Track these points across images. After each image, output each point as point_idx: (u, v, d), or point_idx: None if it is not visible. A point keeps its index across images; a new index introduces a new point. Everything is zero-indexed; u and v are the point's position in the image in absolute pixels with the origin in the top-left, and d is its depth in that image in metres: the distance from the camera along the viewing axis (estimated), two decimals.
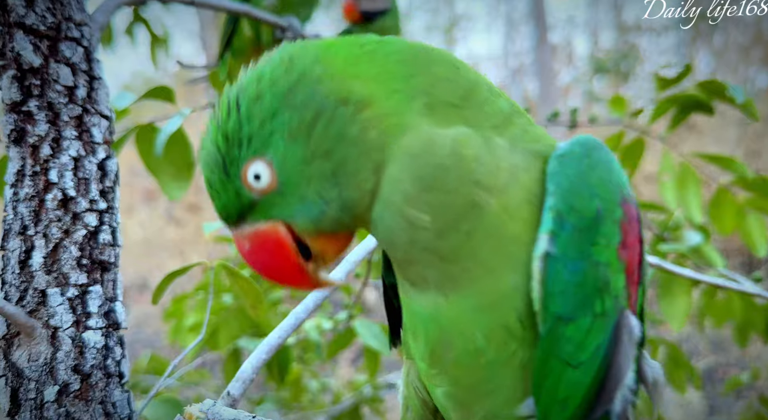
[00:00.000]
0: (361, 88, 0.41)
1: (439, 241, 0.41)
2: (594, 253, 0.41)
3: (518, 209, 0.42)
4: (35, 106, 0.59)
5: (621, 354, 0.43)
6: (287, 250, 0.44)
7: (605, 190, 0.42)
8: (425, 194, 0.41)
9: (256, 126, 0.41)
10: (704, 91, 1.16)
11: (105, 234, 0.62)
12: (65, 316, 0.58)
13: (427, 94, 0.42)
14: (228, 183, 0.42)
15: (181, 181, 0.97)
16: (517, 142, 0.43)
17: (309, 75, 0.42)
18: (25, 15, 0.59)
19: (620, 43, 11.90)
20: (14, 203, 0.59)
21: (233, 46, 1.13)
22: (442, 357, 0.44)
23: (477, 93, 0.44)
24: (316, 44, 0.44)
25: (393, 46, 0.44)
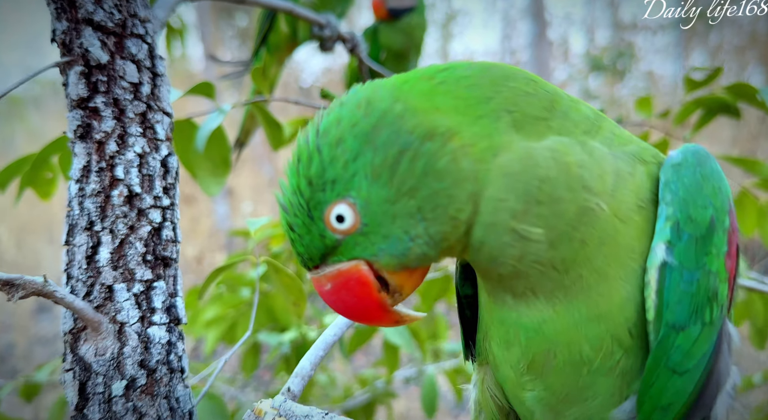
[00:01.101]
0: (445, 120, 0.42)
1: (553, 251, 0.42)
2: (707, 263, 0.42)
3: (630, 213, 0.42)
4: (102, 103, 0.59)
5: (722, 361, 0.44)
6: (370, 289, 0.44)
7: (718, 200, 0.43)
8: (535, 207, 0.41)
9: (339, 168, 0.42)
10: (732, 94, 1.17)
11: (167, 230, 0.62)
12: (131, 311, 0.58)
13: (511, 112, 0.43)
14: (312, 226, 0.43)
15: (218, 176, 0.97)
16: (612, 145, 0.44)
17: (390, 114, 0.42)
18: (93, 11, 0.59)
19: (617, 40, 11.92)
20: (80, 198, 0.59)
21: (269, 42, 1.13)
22: (542, 366, 0.45)
23: (559, 102, 0.45)
24: (389, 84, 0.44)
25: (462, 72, 0.44)
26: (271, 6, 0.84)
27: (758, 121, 7.73)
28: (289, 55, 1.14)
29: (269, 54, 1.13)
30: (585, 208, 0.41)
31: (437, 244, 0.43)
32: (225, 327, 1.50)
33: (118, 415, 0.56)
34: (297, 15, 0.92)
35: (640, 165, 0.44)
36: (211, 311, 1.52)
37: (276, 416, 0.53)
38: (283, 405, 0.53)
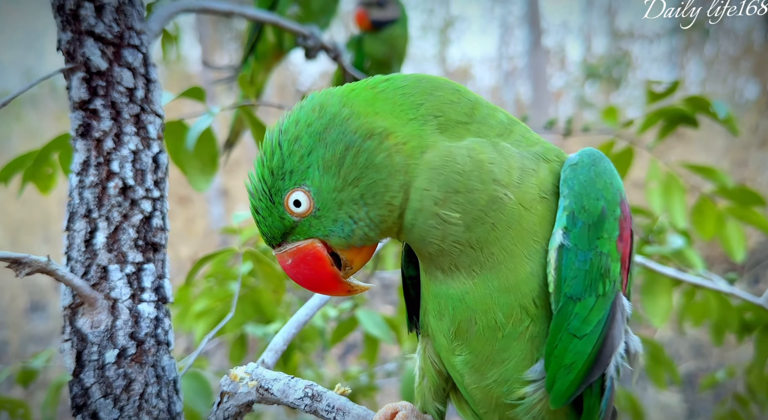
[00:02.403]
0: (382, 122, 0.51)
1: (469, 233, 0.50)
2: (599, 245, 0.50)
3: (533, 203, 0.51)
4: (100, 105, 0.67)
5: (615, 327, 0.52)
6: (324, 262, 0.53)
7: (609, 193, 0.51)
8: (453, 196, 0.50)
9: (296, 161, 0.51)
10: (690, 106, 1.26)
11: (157, 219, 0.70)
12: (124, 289, 0.66)
13: (437, 117, 0.52)
14: (273, 209, 0.52)
15: (206, 174, 1.05)
16: (520, 146, 0.52)
17: (338, 117, 0.51)
18: (95, 24, 0.67)
19: (613, 49, 12.01)
20: (80, 189, 0.67)
21: (257, 51, 1.21)
22: (466, 331, 0.53)
23: (478, 109, 0.53)
24: (339, 92, 0.53)
25: (399, 82, 0.53)
26: (258, 19, 0.92)
27: (750, 132, 7.82)
28: (276, 63, 1.23)
29: (257, 61, 1.22)
30: (495, 197, 0.50)
31: (377, 225, 0.51)
32: (214, 319, 1.57)
33: (110, 380, 0.64)
34: (282, 27, 1.00)
35: (543, 163, 0.53)
36: (201, 304, 1.59)
37: (249, 380, 0.60)
38: (255, 370, 0.61)
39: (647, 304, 1.35)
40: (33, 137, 8.88)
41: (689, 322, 1.50)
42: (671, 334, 4.21)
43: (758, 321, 1.32)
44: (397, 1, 1.40)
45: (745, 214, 1.37)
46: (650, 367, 1.61)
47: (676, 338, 4.29)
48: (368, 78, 0.55)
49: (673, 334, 4.18)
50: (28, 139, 8.98)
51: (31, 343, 5.43)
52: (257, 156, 0.53)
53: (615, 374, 0.53)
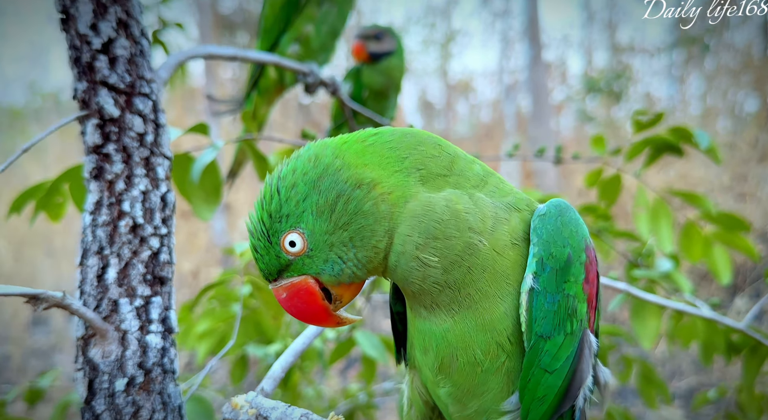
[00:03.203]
0: (370, 173, 0.56)
1: (447, 275, 0.55)
2: (566, 288, 0.55)
3: (505, 249, 0.56)
4: (113, 149, 0.72)
5: (584, 362, 0.57)
6: (316, 297, 0.58)
7: (574, 241, 0.56)
8: (432, 242, 0.55)
9: (292, 206, 0.56)
10: (674, 136, 1.31)
11: (164, 254, 0.75)
12: (133, 321, 0.71)
13: (419, 170, 0.57)
14: (270, 249, 0.57)
15: (210, 203, 1.10)
16: (494, 196, 0.58)
17: (331, 167, 0.56)
18: (108, 75, 0.72)
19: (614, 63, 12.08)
20: (93, 228, 0.72)
21: (259, 86, 1.27)
22: (449, 366, 0.58)
23: (457, 163, 0.59)
24: (333, 143, 0.58)
25: (386, 137, 0.59)
26: (261, 61, 0.98)
27: (749, 147, 7.85)
28: (277, 97, 1.29)
29: (260, 96, 1.28)
30: (470, 243, 0.55)
31: (364, 265, 0.57)
32: (216, 339, 1.61)
33: (120, 407, 0.68)
34: (283, 67, 1.06)
35: (515, 212, 0.58)
36: (204, 324, 1.64)
37: (249, 408, 0.65)
38: (254, 399, 0.65)
39: (637, 327, 1.39)
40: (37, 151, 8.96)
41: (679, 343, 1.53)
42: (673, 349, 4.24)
43: (744, 343, 1.36)
44: (394, 34, 1.45)
45: (731, 238, 1.42)
46: (642, 387, 1.64)
47: (677, 353, 4.31)
48: (359, 131, 0.60)
49: (674, 349, 4.21)
50: (33, 153, 9.05)
51: (33, 358, 5.46)
52: (258, 198, 0.59)
53: (583, 405, 0.58)
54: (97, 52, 0.72)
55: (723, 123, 8.60)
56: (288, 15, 1.15)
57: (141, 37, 0.75)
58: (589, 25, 12.38)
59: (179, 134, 0.99)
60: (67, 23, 0.72)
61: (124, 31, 0.73)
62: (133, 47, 0.74)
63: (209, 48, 0.87)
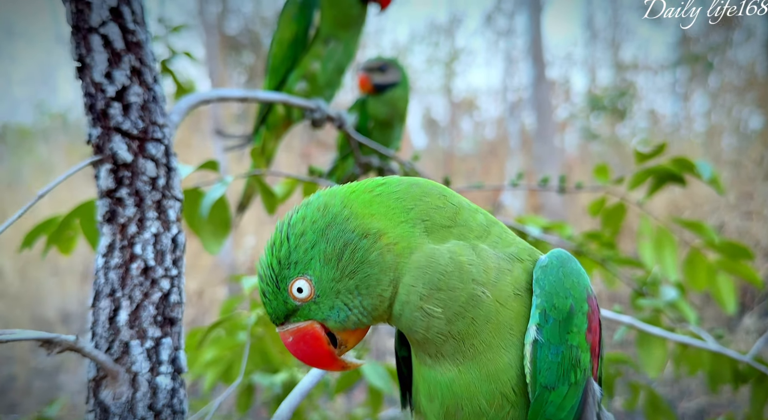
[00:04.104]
0: (377, 224, 0.58)
1: (450, 325, 0.56)
2: (569, 339, 0.56)
3: (508, 300, 0.57)
4: (126, 193, 0.74)
5: (588, 411, 0.58)
6: (321, 342, 0.60)
7: (576, 292, 0.57)
8: (436, 293, 0.56)
9: (300, 253, 0.58)
10: (676, 166, 1.32)
11: (174, 295, 0.76)
12: (144, 363, 0.72)
13: (424, 221, 0.59)
14: (278, 294, 0.59)
15: (218, 237, 1.11)
16: (497, 247, 0.59)
17: (339, 216, 0.58)
18: (122, 122, 0.74)
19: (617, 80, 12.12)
20: (105, 270, 0.74)
21: (268, 122, 1.30)
22: (454, 415, 0.59)
23: (461, 213, 0.60)
24: (342, 193, 0.60)
25: (393, 187, 0.60)
26: (269, 100, 1.00)
27: (755, 165, 7.84)
28: (285, 132, 1.31)
29: (268, 131, 1.30)
30: (473, 295, 0.56)
31: (369, 313, 0.58)
32: (222, 368, 1.62)
33: None
34: (291, 104, 1.09)
35: (517, 262, 0.59)
36: (210, 353, 1.65)
37: None
38: None
39: (642, 356, 1.39)
40: (45, 170, 9.03)
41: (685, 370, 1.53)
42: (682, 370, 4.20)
43: (751, 373, 1.36)
44: (398, 66, 1.48)
45: (735, 266, 1.42)
46: (649, 415, 1.64)
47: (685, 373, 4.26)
48: (367, 180, 0.62)
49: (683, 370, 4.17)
50: (40, 172, 9.14)
51: (38, 378, 5.46)
52: (268, 243, 0.60)
53: None
54: (111, 100, 0.74)
55: (728, 140, 8.60)
56: (295, 53, 1.18)
57: (154, 84, 0.78)
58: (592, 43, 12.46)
59: (190, 171, 1.02)
60: (82, 71, 0.75)
61: (137, 79, 0.76)
62: (146, 93, 0.76)
63: (220, 91, 0.89)
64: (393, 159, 1.40)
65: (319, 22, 1.16)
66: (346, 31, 1.18)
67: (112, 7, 0.74)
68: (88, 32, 0.74)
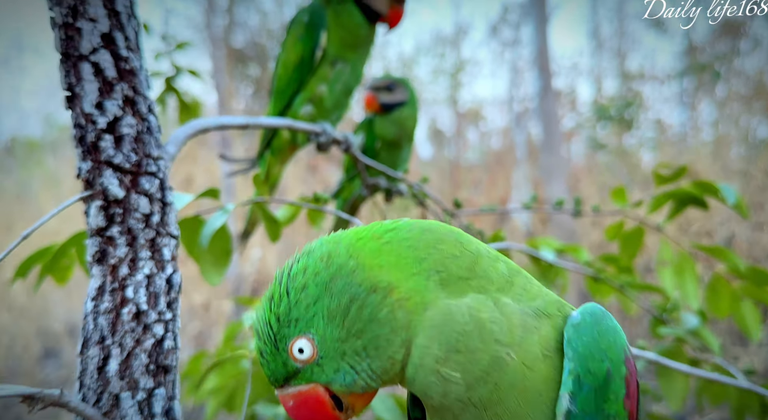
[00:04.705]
0: (386, 276, 0.52)
1: (471, 392, 0.50)
2: (606, 408, 0.50)
3: (536, 362, 0.51)
4: (117, 232, 0.69)
5: None
6: (325, 407, 0.53)
7: (613, 353, 0.51)
8: (454, 355, 0.50)
9: (302, 310, 0.52)
10: (698, 189, 1.26)
11: (169, 340, 0.71)
12: (135, 417, 0.67)
13: (439, 272, 0.52)
14: (277, 355, 0.53)
15: (219, 267, 1.06)
16: (521, 300, 0.53)
17: (345, 268, 0.52)
18: (114, 155, 0.69)
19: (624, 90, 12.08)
20: (95, 315, 0.69)
21: (272, 146, 1.25)
22: None
23: (480, 263, 0.54)
24: (347, 241, 0.54)
25: (404, 233, 0.54)
26: (273, 126, 0.95)
27: (764, 175, 7.76)
28: (291, 156, 1.26)
29: (272, 156, 1.26)
30: (496, 357, 0.50)
31: (379, 376, 0.52)
32: (225, 396, 1.57)
33: None
34: (296, 129, 1.04)
35: (545, 318, 0.53)
36: (212, 381, 1.59)
37: None
38: None
39: (663, 386, 1.33)
40: (53, 182, 9.04)
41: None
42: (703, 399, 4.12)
43: None
44: (406, 84, 1.43)
45: (760, 293, 1.36)
46: None
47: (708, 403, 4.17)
48: (375, 225, 0.56)
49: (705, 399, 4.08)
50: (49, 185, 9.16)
51: None
52: (265, 296, 0.54)
53: None
54: (103, 132, 0.69)
55: (736, 150, 8.53)
56: (301, 76, 1.13)
57: (148, 113, 0.73)
58: (598, 53, 12.44)
59: (189, 200, 0.97)
60: (72, 101, 0.70)
61: (130, 109, 0.71)
62: (139, 124, 0.72)
63: (221, 119, 0.84)
64: (401, 181, 1.34)
65: (325, 44, 1.11)
66: (354, 52, 1.14)
67: (104, 33, 0.69)
68: (78, 60, 0.69)
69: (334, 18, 1.11)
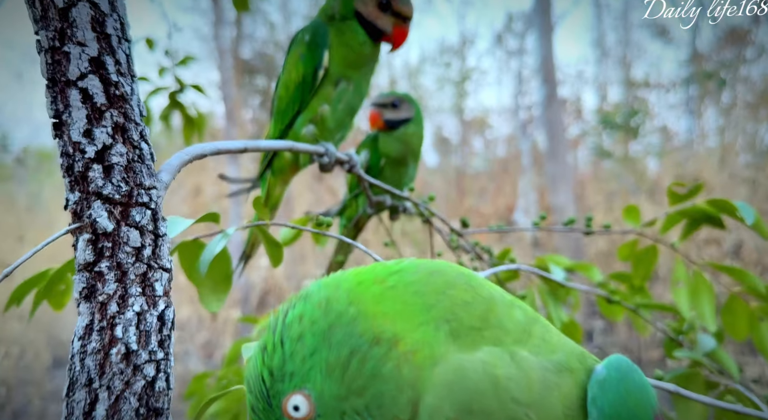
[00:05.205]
0: (391, 326, 0.47)
1: None
2: None
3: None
4: (106, 267, 0.65)
5: None
6: None
7: (642, 411, 0.47)
8: (467, 416, 0.45)
9: (297, 362, 0.47)
10: (714, 208, 1.22)
11: (161, 382, 0.67)
12: None
13: (449, 321, 0.48)
14: (270, 412, 0.48)
15: (219, 293, 1.02)
16: (540, 353, 0.48)
17: (344, 316, 0.47)
18: (103, 186, 0.66)
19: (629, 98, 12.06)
20: (81, 355, 0.65)
21: (274, 167, 1.21)
22: None
23: (494, 310, 0.49)
24: (347, 285, 0.49)
25: (410, 276, 0.49)
26: (273, 148, 0.92)
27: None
28: (292, 176, 1.23)
29: (274, 176, 1.22)
30: (514, 418, 0.45)
31: None
32: (229, 419, 1.52)
33: None
34: (297, 151, 1.00)
35: (567, 374, 0.48)
36: (216, 404, 1.55)
37: None
38: None
39: (680, 414, 1.28)
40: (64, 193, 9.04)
41: None
42: None
43: None
44: (411, 101, 1.39)
45: None
46: None
47: None
48: (377, 267, 0.52)
49: None
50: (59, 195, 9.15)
51: (53, 402, 5.39)
52: (258, 346, 0.50)
53: None
54: (91, 161, 0.65)
55: (743, 157, 8.49)
56: (303, 96, 1.10)
57: (140, 140, 0.69)
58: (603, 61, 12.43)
59: (187, 225, 0.93)
60: (59, 129, 0.66)
61: (121, 136, 0.67)
62: (131, 152, 0.68)
63: (218, 145, 0.80)
64: (407, 199, 1.30)
65: (328, 63, 1.08)
66: (357, 71, 1.10)
67: (93, 58, 0.66)
68: (66, 86, 0.65)
69: (337, 37, 1.07)
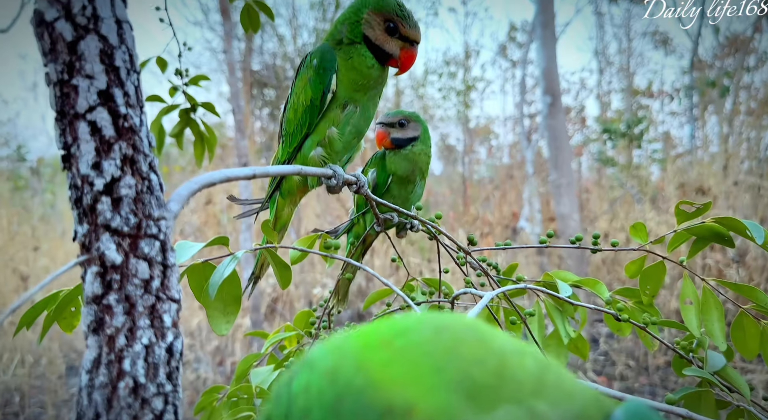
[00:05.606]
0: (402, 392, 0.43)
1: None
2: None
3: None
4: (114, 300, 0.65)
5: None
6: None
7: None
8: None
9: None
10: (723, 226, 1.21)
11: (169, 414, 0.67)
12: None
13: (463, 382, 0.44)
14: None
15: (228, 315, 1.02)
16: (558, 403, 0.47)
17: (353, 386, 0.44)
18: (111, 218, 0.66)
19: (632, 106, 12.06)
20: (89, 389, 0.64)
21: (282, 189, 1.21)
22: None
23: (508, 364, 0.47)
24: (353, 349, 0.46)
25: (417, 336, 0.47)
26: (280, 173, 0.92)
27: None
28: (301, 198, 1.22)
29: (282, 198, 1.22)
30: None
31: None
32: None
33: None
34: (306, 174, 1.00)
35: None
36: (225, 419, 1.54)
37: None
38: None
39: None
40: None
41: None
42: None
43: None
44: (418, 120, 1.39)
45: None
46: None
47: None
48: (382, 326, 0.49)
49: None
50: None
51: (66, 409, 5.38)
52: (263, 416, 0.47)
53: None
54: (100, 194, 0.65)
55: (746, 164, 8.48)
56: (311, 119, 1.10)
57: (149, 172, 0.69)
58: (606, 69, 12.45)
59: (200, 247, 0.93)
60: (68, 161, 0.66)
61: (129, 168, 0.67)
62: (140, 184, 0.68)
63: (227, 172, 0.80)
64: (414, 218, 1.30)
65: (336, 87, 1.08)
66: (365, 94, 1.10)
67: (102, 90, 0.66)
68: (75, 118, 0.65)
69: (345, 61, 1.08)
